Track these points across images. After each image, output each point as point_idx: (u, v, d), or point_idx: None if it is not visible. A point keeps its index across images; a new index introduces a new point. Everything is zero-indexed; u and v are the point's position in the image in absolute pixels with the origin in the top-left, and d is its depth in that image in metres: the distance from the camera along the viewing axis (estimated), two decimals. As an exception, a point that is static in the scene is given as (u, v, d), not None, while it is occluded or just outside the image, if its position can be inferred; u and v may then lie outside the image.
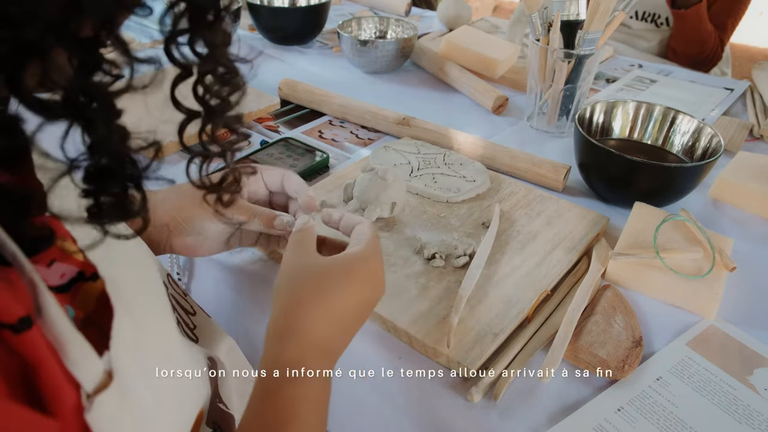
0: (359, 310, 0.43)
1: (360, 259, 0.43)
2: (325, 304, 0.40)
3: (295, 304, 0.41)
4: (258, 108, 0.90)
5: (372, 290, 0.44)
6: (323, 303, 0.40)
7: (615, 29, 0.85)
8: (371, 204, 0.64)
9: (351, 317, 0.42)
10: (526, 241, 0.64)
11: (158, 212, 0.50)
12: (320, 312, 0.40)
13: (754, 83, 1.10)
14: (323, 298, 0.41)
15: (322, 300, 0.41)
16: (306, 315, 0.40)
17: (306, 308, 0.40)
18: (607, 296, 0.57)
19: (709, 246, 0.60)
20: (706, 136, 0.74)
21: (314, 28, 1.21)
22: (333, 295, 0.41)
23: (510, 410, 0.48)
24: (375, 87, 1.06)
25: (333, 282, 0.41)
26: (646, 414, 0.48)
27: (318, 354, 0.40)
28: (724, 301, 0.59)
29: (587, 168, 0.75)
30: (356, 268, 0.43)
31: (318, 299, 0.41)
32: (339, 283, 0.41)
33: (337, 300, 0.41)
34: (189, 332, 0.44)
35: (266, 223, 0.51)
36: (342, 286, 0.41)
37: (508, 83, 1.07)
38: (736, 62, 1.64)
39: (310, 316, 0.40)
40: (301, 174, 0.76)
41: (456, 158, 0.77)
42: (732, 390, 0.50)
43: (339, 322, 0.41)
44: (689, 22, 1.32)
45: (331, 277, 0.42)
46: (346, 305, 0.41)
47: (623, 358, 0.51)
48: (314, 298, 0.41)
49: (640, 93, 1.06)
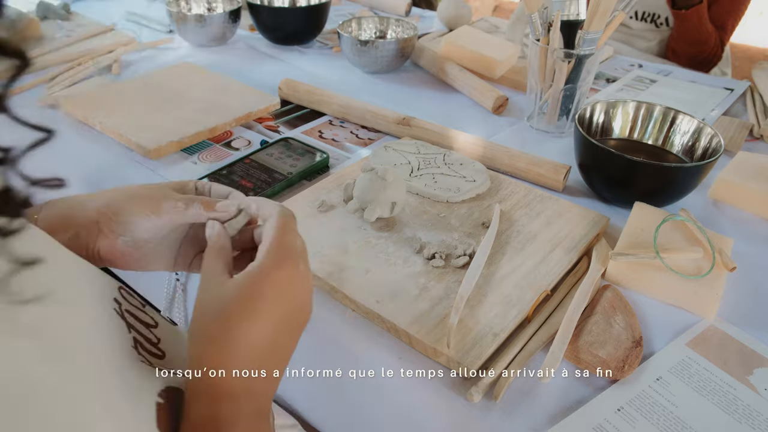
0: (274, 336, 0.37)
1: (261, 275, 0.36)
2: (229, 344, 0.35)
3: (202, 345, 0.36)
4: (258, 108, 0.90)
5: (286, 306, 0.37)
6: (227, 344, 0.35)
7: (615, 29, 0.85)
8: (371, 204, 0.64)
9: (265, 348, 0.36)
10: (526, 241, 0.64)
11: (87, 211, 0.45)
12: (226, 354, 0.35)
13: (754, 83, 1.10)
14: (225, 338, 0.35)
15: (224, 341, 0.35)
16: (212, 360, 0.35)
17: (210, 355, 0.35)
18: (607, 296, 0.57)
19: (709, 246, 0.60)
20: (706, 136, 0.74)
21: (314, 28, 1.21)
22: (236, 331, 0.35)
23: (510, 410, 0.48)
24: (375, 87, 1.06)
25: (232, 313, 0.35)
26: (646, 414, 0.48)
27: (232, 401, 0.35)
28: (724, 301, 0.59)
29: (587, 168, 0.75)
30: (257, 287, 0.36)
31: (221, 341, 0.35)
32: (240, 314, 0.35)
33: (240, 336, 0.35)
34: (152, 348, 0.40)
35: (207, 205, 0.44)
36: (243, 315, 0.35)
37: (508, 83, 1.07)
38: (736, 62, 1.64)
39: (216, 361, 0.35)
40: (301, 174, 0.76)
41: (456, 158, 0.78)
42: (732, 390, 0.50)
43: (252, 358, 0.36)
44: (689, 23, 1.32)
45: (227, 309, 0.35)
46: (255, 338, 0.35)
47: (623, 358, 0.51)
48: (215, 340, 0.35)
49: (640, 93, 1.06)
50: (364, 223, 0.65)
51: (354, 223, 0.65)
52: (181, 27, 1.14)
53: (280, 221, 0.40)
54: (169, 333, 0.43)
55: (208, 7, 1.24)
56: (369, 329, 0.55)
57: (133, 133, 0.80)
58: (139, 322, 0.40)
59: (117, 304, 0.38)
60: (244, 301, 0.36)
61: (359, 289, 0.56)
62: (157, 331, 0.42)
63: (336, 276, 0.58)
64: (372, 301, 0.55)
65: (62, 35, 1.15)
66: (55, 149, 0.86)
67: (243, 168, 0.75)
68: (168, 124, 0.83)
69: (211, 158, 0.81)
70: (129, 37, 1.15)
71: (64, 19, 1.23)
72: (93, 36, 1.16)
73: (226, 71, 1.04)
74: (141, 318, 0.41)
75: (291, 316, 0.38)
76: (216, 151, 0.83)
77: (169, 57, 1.13)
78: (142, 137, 0.79)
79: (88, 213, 0.45)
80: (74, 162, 0.80)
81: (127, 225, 0.45)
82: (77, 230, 0.45)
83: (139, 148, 0.79)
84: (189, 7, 1.22)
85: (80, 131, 0.85)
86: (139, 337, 0.39)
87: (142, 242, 0.47)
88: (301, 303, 0.39)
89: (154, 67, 1.07)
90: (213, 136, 0.86)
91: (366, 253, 0.61)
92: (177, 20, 1.13)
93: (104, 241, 0.45)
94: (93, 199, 0.46)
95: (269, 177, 0.74)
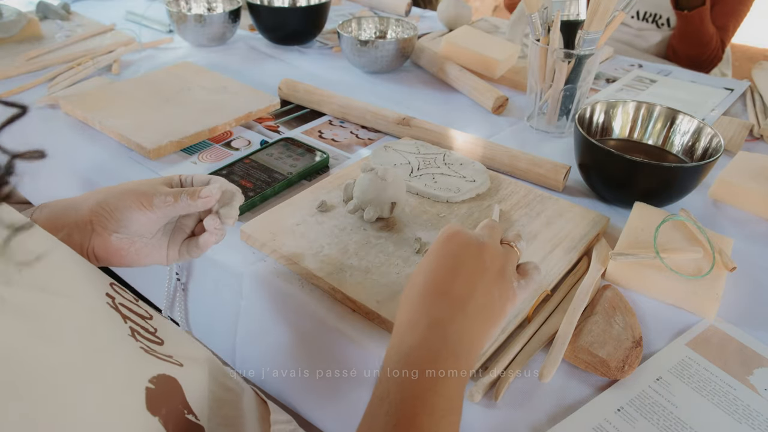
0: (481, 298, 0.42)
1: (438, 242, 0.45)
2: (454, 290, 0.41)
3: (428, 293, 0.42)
4: (258, 108, 0.90)
5: (469, 260, 0.43)
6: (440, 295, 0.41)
7: (615, 29, 0.85)
8: (371, 204, 0.64)
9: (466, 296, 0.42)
10: (526, 241, 0.64)
11: (80, 212, 0.47)
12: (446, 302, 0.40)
13: (754, 83, 1.10)
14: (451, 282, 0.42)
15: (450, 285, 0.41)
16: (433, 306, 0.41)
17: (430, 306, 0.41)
18: (607, 296, 0.57)
19: (709, 246, 0.60)
20: (706, 136, 0.74)
21: (314, 28, 1.21)
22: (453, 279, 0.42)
23: (510, 410, 0.48)
24: (375, 87, 1.06)
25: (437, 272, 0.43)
26: (646, 414, 0.48)
27: (453, 345, 0.39)
28: (724, 301, 0.59)
29: (587, 168, 0.75)
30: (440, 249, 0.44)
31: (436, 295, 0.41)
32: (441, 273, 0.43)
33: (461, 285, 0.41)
34: (150, 336, 0.41)
35: (192, 195, 0.48)
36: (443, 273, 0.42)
37: (508, 83, 1.07)
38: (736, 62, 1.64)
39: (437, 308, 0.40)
40: (301, 174, 0.76)
41: (456, 158, 0.78)
42: (732, 390, 0.50)
43: (471, 314, 0.41)
44: (692, 24, 1.32)
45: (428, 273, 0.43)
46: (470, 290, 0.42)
47: (623, 358, 0.51)
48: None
49: (640, 93, 1.06)
50: (364, 223, 0.65)
51: (354, 223, 0.65)
52: (181, 27, 1.14)
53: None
54: (165, 324, 0.45)
55: (208, 7, 1.24)
56: (369, 329, 0.55)
57: (133, 133, 0.80)
58: (134, 314, 0.41)
59: (110, 299, 0.39)
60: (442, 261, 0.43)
61: (359, 289, 0.56)
62: (153, 322, 0.43)
63: (336, 276, 0.58)
64: (372, 301, 0.55)
65: (62, 35, 1.15)
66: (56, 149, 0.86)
67: (243, 168, 0.75)
68: (168, 124, 0.83)
69: (211, 158, 0.81)
70: (129, 37, 1.15)
71: (64, 19, 1.23)
72: (93, 36, 1.16)
73: (226, 71, 1.04)
74: (135, 311, 0.42)
75: (476, 267, 0.43)
76: (216, 151, 0.83)
77: (169, 57, 1.13)
78: (142, 137, 0.79)
79: (80, 213, 0.46)
80: (74, 162, 0.80)
81: (120, 221, 0.47)
82: (70, 230, 0.46)
83: (139, 148, 0.79)
84: (189, 7, 1.22)
85: (80, 131, 0.85)
86: (136, 327, 0.40)
87: (136, 237, 0.49)
88: (475, 252, 0.44)
89: (154, 67, 1.07)
90: (213, 136, 0.86)
91: (366, 253, 0.61)
92: (177, 20, 1.13)
93: (98, 239, 0.47)
94: (85, 200, 0.47)
95: (269, 177, 0.74)
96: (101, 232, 0.47)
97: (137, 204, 0.47)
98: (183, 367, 0.40)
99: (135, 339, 0.38)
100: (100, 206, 0.47)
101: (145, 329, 0.41)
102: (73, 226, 0.46)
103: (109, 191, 0.48)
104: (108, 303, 0.38)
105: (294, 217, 0.66)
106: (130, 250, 0.49)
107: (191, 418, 0.39)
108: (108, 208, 0.47)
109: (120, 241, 0.48)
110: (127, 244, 0.49)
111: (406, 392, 0.36)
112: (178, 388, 0.39)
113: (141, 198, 0.47)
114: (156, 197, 0.47)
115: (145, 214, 0.47)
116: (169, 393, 0.37)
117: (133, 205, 0.47)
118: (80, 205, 0.47)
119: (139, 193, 0.48)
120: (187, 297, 0.70)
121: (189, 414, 0.39)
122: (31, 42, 1.12)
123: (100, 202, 0.47)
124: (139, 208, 0.47)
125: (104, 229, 0.47)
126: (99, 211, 0.47)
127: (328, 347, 0.57)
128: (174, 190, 0.48)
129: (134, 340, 0.38)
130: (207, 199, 0.48)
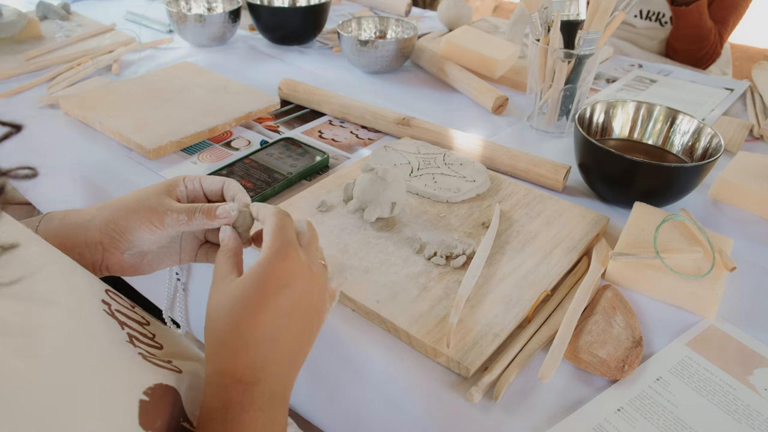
0: (282, 324, 0.39)
1: (261, 268, 0.39)
2: (238, 340, 0.37)
3: (214, 345, 0.38)
4: (258, 108, 0.90)
5: (290, 295, 0.39)
6: (236, 339, 0.37)
7: (618, 28, 0.85)
8: (371, 204, 0.64)
9: (273, 337, 0.38)
10: (526, 241, 0.64)
11: (90, 232, 0.46)
12: (237, 350, 0.37)
13: (754, 83, 1.10)
14: (235, 335, 0.37)
15: (233, 337, 0.37)
16: (224, 357, 0.37)
17: (221, 353, 0.37)
18: (607, 296, 0.57)
19: (709, 246, 0.60)
20: (706, 136, 0.74)
21: (314, 28, 1.21)
22: (244, 325, 0.37)
23: (510, 410, 0.48)
24: (375, 87, 1.06)
25: (240, 310, 0.38)
26: (646, 414, 0.48)
27: (243, 388, 0.37)
28: (723, 301, 0.59)
29: (587, 168, 0.75)
30: (260, 281, 0.38)
31: (231, 338, 0.37)
32: (246, 309, 0.37)
33: (247, 330, 0.37)
34: (149, 341, 0.41)
35: (208, 214, 0.45)
36: (250, 309, 0.37)
37: (508, 83, 1.07)
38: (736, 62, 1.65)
39: (228, 357, 0.37)
40: (301, 174, 0.76)
41: (456, 158, 0.78)
42: (732, 390, 0.50)
43: (261, 348, 0.38)
44: (690, 19, 1.32)
45: (235, 307, 0.38)
46: (263, 329, 0.38)
47: (623, 358, 0.51)
48: (226, 339, 0.37)
49: (640, 93, 1.06)
50: (364, 223, 0.65)
51: (354, 223, 0.65)
52: (181, 27, 1.14)
53: (275, 219, 0.42)
54: (162, 329, 0.45)
55: (208, 7, 1.24)
56: (369, 329, 0.55)
57: (133, 133, 0.80)
58: (131, 320, 0.41)
59: (106, 305, 0.38)
60: (249, 296, 0.38)
61: (359, 289, 0.56)
62: (150, 328, 0.43)
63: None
64: (372, 301, 0.55)
65: (62, 35, 1.15)
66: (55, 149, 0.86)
67: (243, 168, 0.75)
68: (168, 124, 0.83)
69: (211, 158, 0.81)
70: (129, 37, 1.15)
71: (64, 19, 1.23)
72: (93, 36, 1.16)
73: (226, 71, 1.04)
74: (132, 317, 0.41)
75: (297, 303, 0.40)
76: (216, 151, 0.83)
77: (169, 57, 1.13)
78: (142, 137, 0.79)
79: (90, 234, 0.46)
80: (74, 162, 0.80)
81: (131, 242, 0.46)
82: (81, 250, 0.46)
83: (139, 148, 0.79)
84: (189, 7, 1.22)
85: (80, 131, 0.85)
86: (134, 333, 0.39)
87: (147, 251, 0.48)
88: (305, 290, 0.40)
89: (154, 67, 1.07)
90: (213, 136, 0.86)
91: (366, 253, 0.61)
92: (177, 20, 1.13)
93: (111, 258, 0.47)
94: (92, 218, 0.47)
95: (269, 177, 0.74)
96: (113, 252, 0.46)
97: (147, 224, 0.45)
98: (181, 374, 0.40)
99: (133, 345, 0.38)
100: (109, 227, 0.46)
101: (143, 335, 0.41)
102: (84, 247, 0.46)
103: (115, 209, 0.47)
104: (105, 310, 0.38)
105: (294, 217, 0.65)
106: (143, 263, 0.49)
107: (186, 426, 0.38)
108: (118, 229, 0.46)
109: (132, 257, 0.47)
110: (140, 259, 0.48)
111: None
112: (175, 398, 0.38)
113: (151, 217, 0.45)
114: (167, 216, 0.45)
115: (156, 233, 0.46)
116: (164, 404, 0.36)
117: (143, 225, 0.45)
118: (88, 224, 0.46)
119: (148, 210, 0.45)
120: (188, 297, 0.70)
121: (184, 421, 0.38)
122: (31, 42, 1.12)
123: (108, 222, 0.46)
124: (150, 228, 0.46)
125: (116, 249, 0.46)
126: (108, 233, 0.46)
127: (328, 347, 0.57)
128: (187, 207, 0.46)
129: (132, 346, 0.38)
130: (224, 220, 0.46)
